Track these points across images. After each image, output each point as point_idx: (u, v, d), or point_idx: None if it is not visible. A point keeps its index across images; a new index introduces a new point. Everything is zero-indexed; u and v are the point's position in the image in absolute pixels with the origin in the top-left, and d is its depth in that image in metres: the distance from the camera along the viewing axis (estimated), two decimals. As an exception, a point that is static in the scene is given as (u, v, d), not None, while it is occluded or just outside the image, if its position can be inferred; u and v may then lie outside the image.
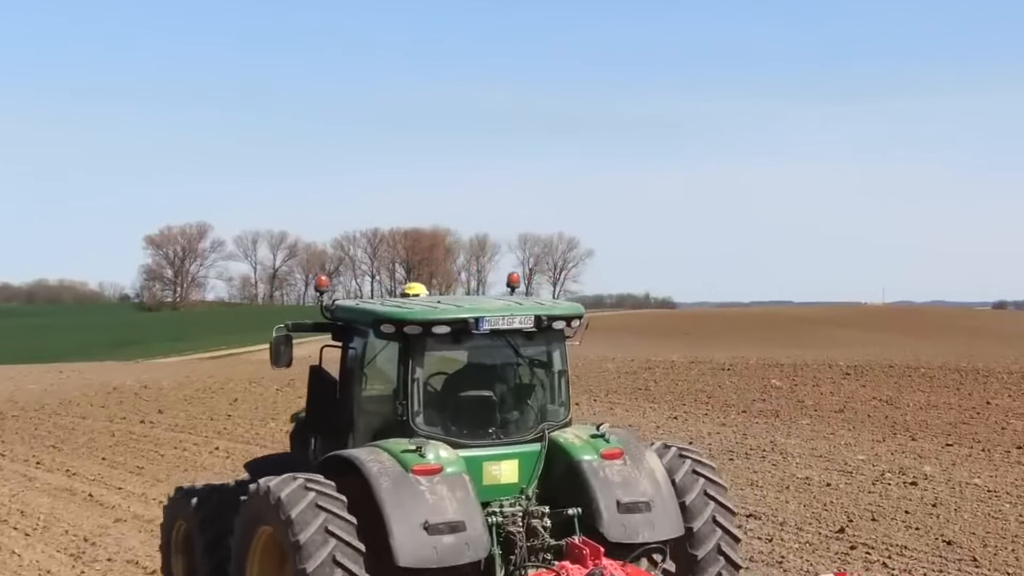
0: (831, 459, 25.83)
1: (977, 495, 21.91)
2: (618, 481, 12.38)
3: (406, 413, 12.23)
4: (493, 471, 12.37)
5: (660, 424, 31.78)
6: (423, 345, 12.27)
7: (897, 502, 21.28)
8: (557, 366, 12.95)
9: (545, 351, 12.94)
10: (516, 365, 12.93)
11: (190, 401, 40.52)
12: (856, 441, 28.34)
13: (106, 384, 49.06)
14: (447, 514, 11.52)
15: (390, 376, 12.50)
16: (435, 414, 12.46)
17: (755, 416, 33.13)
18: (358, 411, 12.72)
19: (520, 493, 12.43)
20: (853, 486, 22.86)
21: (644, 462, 12.72)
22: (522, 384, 12.99)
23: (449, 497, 11.62)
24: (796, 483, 23.18)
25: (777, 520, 19.94)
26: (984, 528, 19.30)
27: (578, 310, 13.08)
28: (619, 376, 44.24)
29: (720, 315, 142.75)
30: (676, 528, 12.59)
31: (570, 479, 12.40)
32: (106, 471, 26.89)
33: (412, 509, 11.45)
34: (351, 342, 12.93)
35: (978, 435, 29.01)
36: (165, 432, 33.04)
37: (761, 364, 46.68)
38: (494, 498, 12.28)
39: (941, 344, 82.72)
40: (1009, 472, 24.24)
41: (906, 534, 18.89)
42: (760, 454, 26.55)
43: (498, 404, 12.71)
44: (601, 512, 12.19)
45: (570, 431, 12.84)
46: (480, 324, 12.30)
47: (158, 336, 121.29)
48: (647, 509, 12.35)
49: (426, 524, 11.39)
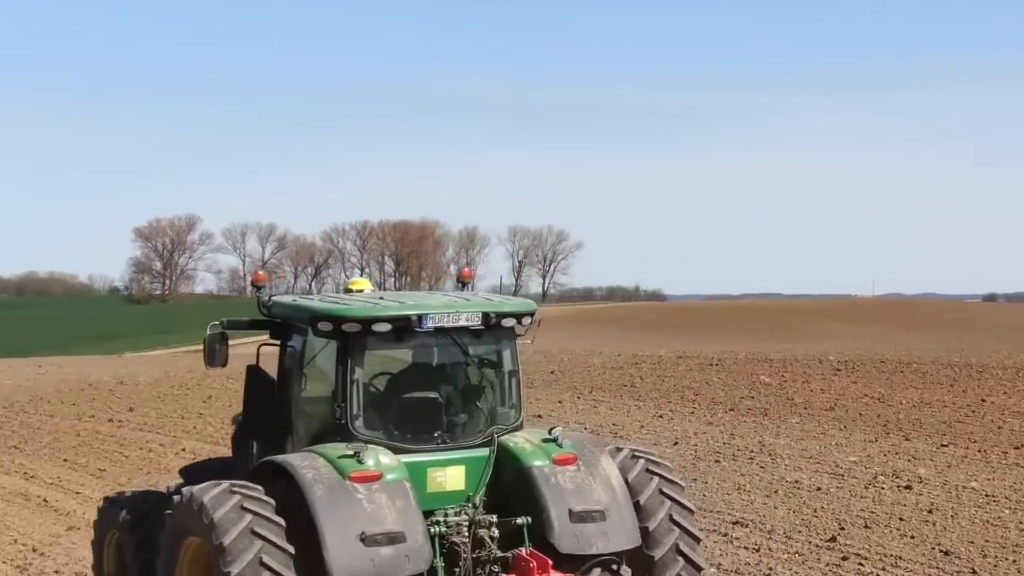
0: (822, 461, 24.91)
1: (975, 500, 21.01)
2: (570, 488, 11.78)
3: (344, 416, 11.63)
4: (438, 478, 11.80)
5: (645, 423, 30.79)
6: (363, 344, 11.71)
7: (891, 508, 20.39)
8: (507, 366, 12.37)
9: (495, 350, 12.36)
10: (463, 365, 12.37)
11: (163, 398, 39.46)
12: (847, 441, 27.41)
13: (83, 379, 47.95)
14: (386, 524, 10.95)
15: (329, 377, 11.89)
16: (376, 417, 11.89)
17: (743, 414, 32.16)
18: (297, 413, 12.16)
19: (466, 501, 11.87)
20: (845, 490, 21.95)
21: (599, 468, 12.09)
22: (470, 385, 12.43)
23: (388, 506, 11.07)
24: (785, 487, 22.26)
25: (765, 528, 19.08)
26: (983, 537, 18.42)
27: (529, 307, 12.41)
28: (605, 372, 43.27)
29: (710, 307, 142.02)
30: (632, 538, 11.94)
31: (520, 486, 11.80)
32: (66, 474, 25.87)
33: (348, 519, 10.88)
34: (289, 340, 12.39)
35: (974, 435, 28.07)
36: (133, 432, 31.96)
37: (750, 359, 45.71)
38: (438, 506, 11.73)
39: (932, 337, 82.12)
40: (1007, 475, 23.31)
41: (901, 543, 18.06)
42: (748, 455, 25.62)
43: (444, 406, 12.15)
44: (552, 521, 11.60)
45: (521, 435, 12.23)
46: (424, 321, 11.75)
47: (146, 329, 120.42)
48: (601, 518, 11.75)
49: (363, 535, 10.83)
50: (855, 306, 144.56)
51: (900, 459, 25.07)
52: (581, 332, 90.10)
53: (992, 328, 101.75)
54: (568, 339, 73.50)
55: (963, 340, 72.93)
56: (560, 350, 55.03)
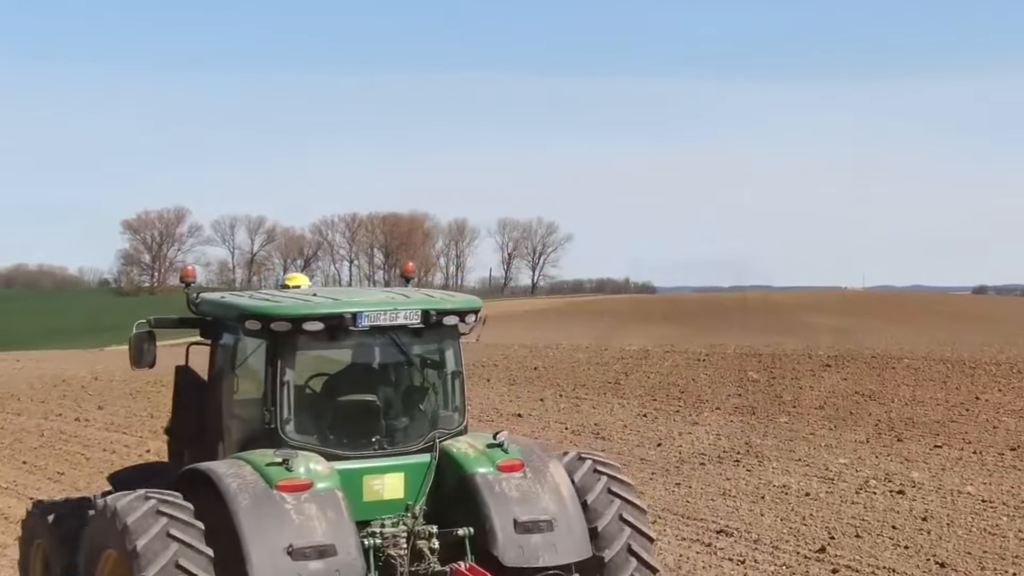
0: (811, 463, 23.96)
1: (971, 506, 20.08)
2: (516, 497, 11.09)
3: (275, 420, 10.95)
4: (375, 486, 11.19)
5: (628, 423, 29.82)
6: (293, 343, 11.09)
7: (883, 515, 19.46)
8: (450, 367, 11.76)
9: (437, 350, 11.74)
10: (403, 366, 11.74)
11: (135, 396, 38.32)
12: (838, 442, 26.44)
13: (59, 375, 46.78)
14: (315, 536, 10.36)
15: (260, 378, 11.21)
16: (309, 421, 11.27)
17: (730, 413, 31.15)
18: (228, 417, 11.49)
19: (405, 511, 11.25)
20: (835, 495, 21.01)
21: (547, 475, 11.37)
22: (410, 387, 11.81)
23: (318, 517, 10.42)
24: (773, 492, 21.31)
25: (751, 537, 18.15)
26: (980, 547, 17.50)
27: (473, 303, 11.74)
28: (589, 368, 42.22)
29: (698, 300, 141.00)
30: (582, 550, 11.20)
31: (462, 495, 11.15)
32: (23, 477, 24.78)
33: (275, 531, 10.30)
34: (220, 339, 11.67)
35: (968, 435, 27.11)
36: (98, 432, 30.85)
37: (738, 354, 44.65)
38: (375, 516, 11.05)
39: (922, 331, 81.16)
40: (1004, 479, 22.37)
41: (894, 553, 17.14)
42: (734, 457, 24.70)
43: (382, 410, 11.47)
44: (495, 532, 10.91)
45: (464, 440, 11.54)
46: (358, 320, 11.12)
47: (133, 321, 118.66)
48: (548, 529, 11.04)
49: (290, 548, 10.23)
50: (845, 299, 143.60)
51: (892, 461, 24.14)
52: (568, 325, 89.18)
53: (983, 320, 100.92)
54: (556, 332, 72.56)
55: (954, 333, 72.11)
56: (546, 344, 54.06)
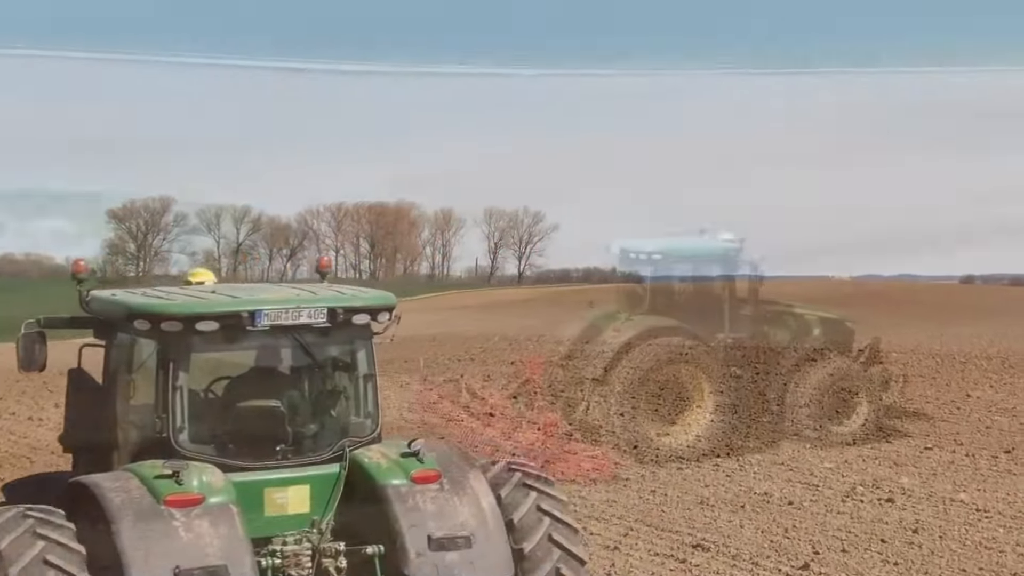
0: (794, 468, 22.76)
1: (964, 516, 18.84)
2: (431, 511, 10.39)
3: (166, 429, 10.30)
4: (278, 499, 10.46)
5: (604, 423, 28.39)
6: (186, 345, 10.39)
7: (871, 526, 18.23)
8: (362, 369, 10.97)
9: (347, 351, 10.96)
10: (309, 369, 10.99)
11: (96, 394, 36.98)
12: (823, 444, 25.26)
13: (18, 371, 45.35)
14: (205, 556, 9.64)
15: (152, 383, 10.55)
16: (205, 429, 10.60)
17: (711, 412, 29.76)
18: (122, 425, 10.63)
19: (311, 527, 10.50)
20: (820, 504, 19.78)
21: (466, 486, 10.52)
22: (317, 392, 11.04)
23: (210, 534, 9.74)
24: (753, 501, 20.07)
25: (729, 552, 16.91)
26: (975, 562, 16.30)
27: (386, 300, 10.89)
28: (569, 362, 40.79)
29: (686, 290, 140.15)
30: (504, 568, 10.34)
31: (373, 509, 10.38)
32: (-44, 489, 23.38)
33: (160, 551, 9.57)
34: (114, 340, 10.84)
35: (960, 436, 25.91)
36: (49, 433, 29.33)
37: (723, 347, 43.37)
38: (278, 532, 10.41)
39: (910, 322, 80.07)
40: (999, 484, 21.13)
41: (883, 570, 15.99)
42: (713, 462, 23.57)
43: (286, 417, 10.72)
44: (407, 550, 10.18)
45: (377, 449, 10.70)
46: (257, 319, 10.35)
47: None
48: (466, 545, 10.25)
49: (177, 570, 9.52)
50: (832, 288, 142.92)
51: (880, 466, 22.93)
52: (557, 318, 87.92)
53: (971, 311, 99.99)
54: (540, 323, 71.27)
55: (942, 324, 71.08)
56: (527, 337, 52.79)
